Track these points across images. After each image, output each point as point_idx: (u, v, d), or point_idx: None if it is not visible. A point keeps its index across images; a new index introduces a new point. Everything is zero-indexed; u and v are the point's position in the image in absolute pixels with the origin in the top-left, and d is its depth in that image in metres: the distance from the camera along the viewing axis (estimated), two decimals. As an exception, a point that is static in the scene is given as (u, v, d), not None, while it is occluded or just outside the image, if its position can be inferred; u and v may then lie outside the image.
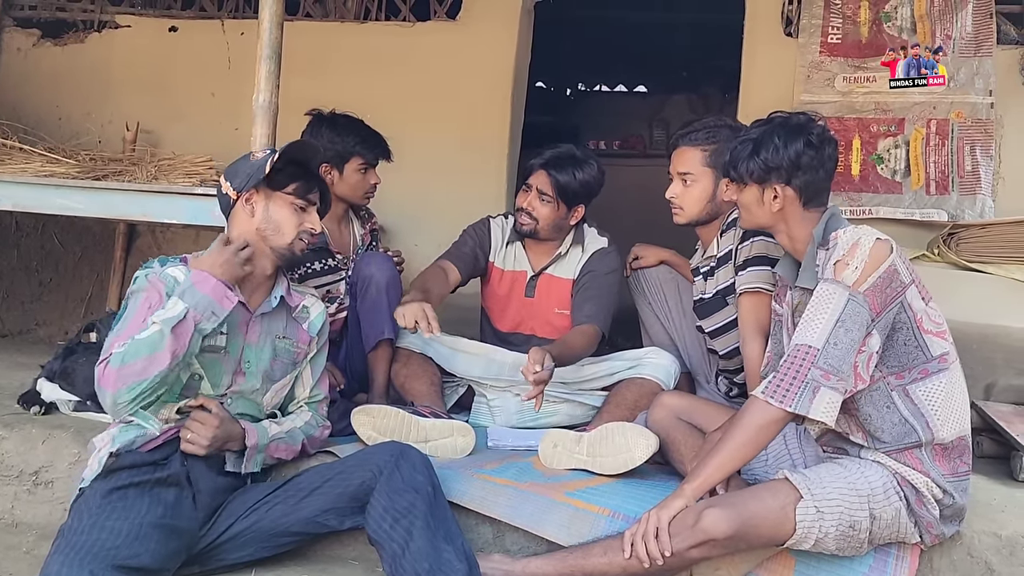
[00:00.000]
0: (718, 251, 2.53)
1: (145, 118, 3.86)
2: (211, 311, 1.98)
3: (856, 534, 1.88)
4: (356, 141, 2.84)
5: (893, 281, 1.88)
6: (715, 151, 2.47)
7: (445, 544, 1.86)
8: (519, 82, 3.97)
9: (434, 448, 2.37)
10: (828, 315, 1.83)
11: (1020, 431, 2.61)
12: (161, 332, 1.90)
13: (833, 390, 1.81)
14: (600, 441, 2.29)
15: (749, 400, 1.91)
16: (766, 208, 2.05)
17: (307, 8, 4.13)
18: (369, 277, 2.75)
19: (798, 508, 1.85)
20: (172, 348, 1.90)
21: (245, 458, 2.06)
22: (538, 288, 2.92)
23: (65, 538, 1.80)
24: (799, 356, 1.83)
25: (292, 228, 2.13)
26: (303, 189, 2.15)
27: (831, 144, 2.03)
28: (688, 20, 5.36)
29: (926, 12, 3.47)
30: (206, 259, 2.05)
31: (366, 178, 2.89)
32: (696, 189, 2.52)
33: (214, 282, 1.99)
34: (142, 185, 2.84)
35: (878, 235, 1.91)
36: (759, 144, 2.03)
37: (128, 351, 1.89)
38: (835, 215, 2.03)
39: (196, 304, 1.95)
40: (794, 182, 2.01)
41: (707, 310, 2.59)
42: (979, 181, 3.38)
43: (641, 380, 2.66)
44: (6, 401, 2.65)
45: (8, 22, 4.33)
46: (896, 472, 1.92)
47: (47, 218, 3.99)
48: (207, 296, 1.97)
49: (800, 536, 1.85)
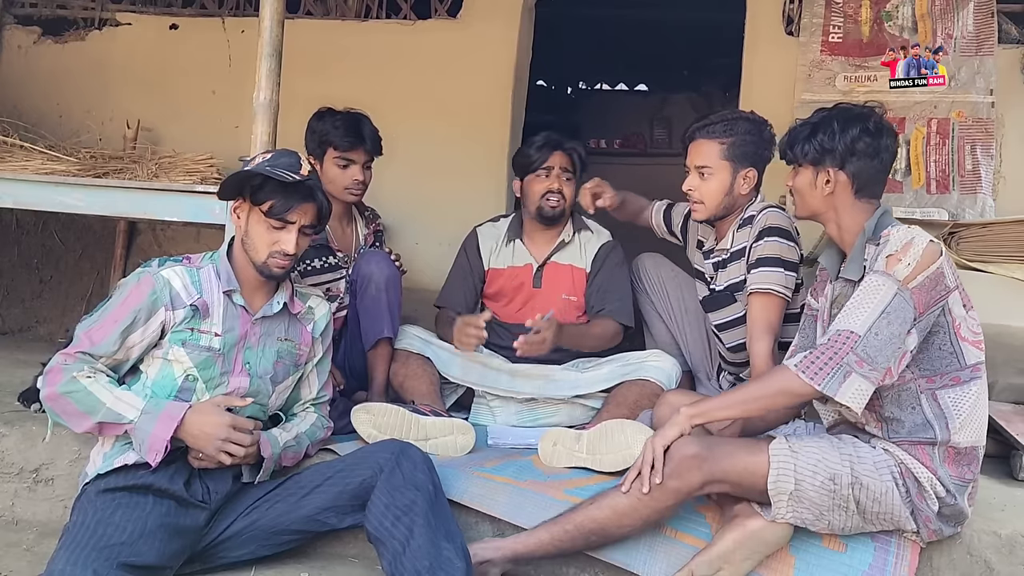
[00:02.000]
0: (731, 244, 2.53)
1: (146, 116, 3.86)
2: (139, 444, 1.91)
3: (839, 489, 1.88)
4: (329, 129, 2.75)
5: (939, 284, 1.89)
6: (733, 143, 2.47)
7: (445, 542, 1.86)
8: (520, 80, 3.97)
9: (434, 446, 2.38)
10: (874, 305, 1.84)
11: (1020, 430, 2.61)
12: (102, 409, 1.91)
13: (864, 378, 1.82)
14: (600, 439, 2.29)
15: (780, 367, 1.92)
16: (818, 192, 2.06)
17: (308, 6, 4.12)
18: (369, 275, 2.73)
19: (772, 444, 1.89)
20: (89, 428, 1.93)
21: (262, 470, 2.05)
22: (544, 277, 2.95)
23: (70, 535, 1.81)
24: (839, 340, 1.84)
25: (264, 246, 2.05)
26: (278, 208, 2.02)
27: (890, 136, 2.04)
28: (689, 19, 5.35)
29: (927, 11, 3.47)
30: (198, 420, 1.94)
31: (347, 173, 2.78)
32: (713, 182, 2.50)
33: (166, 439, 1.90)
34: (143, 183, 2.84)
35: (930, 237, 1.92)
36: (817, 127, 2.05)
37: (75, 390, 1.91)
38: (888, 212, 2.04)
39: (138, 430, 1.90)
40: (848, 167, 2.02)
41: (715, 304, 2.59)
42: (980, 180, 3.38)
43: (642, 382, 2.65)
44: (7, 398, 2.65)
45: (9, 19, 4.33)
46: (901, 461, 1.92)
47: (48, 216, 3.99)
48: (150, 437, 1.89)
49: (776, 474, 1.86)
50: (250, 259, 2.08)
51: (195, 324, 2.03)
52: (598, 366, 2.77)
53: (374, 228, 3.04)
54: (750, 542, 1.91)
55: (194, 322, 2.04)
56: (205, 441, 1.94)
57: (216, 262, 2.12)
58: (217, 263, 2.11)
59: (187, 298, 2.04)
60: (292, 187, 2.04)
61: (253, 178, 2.05)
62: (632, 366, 2.71)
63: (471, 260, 3.02)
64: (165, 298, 2.02)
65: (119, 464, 1.93)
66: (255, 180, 2.05)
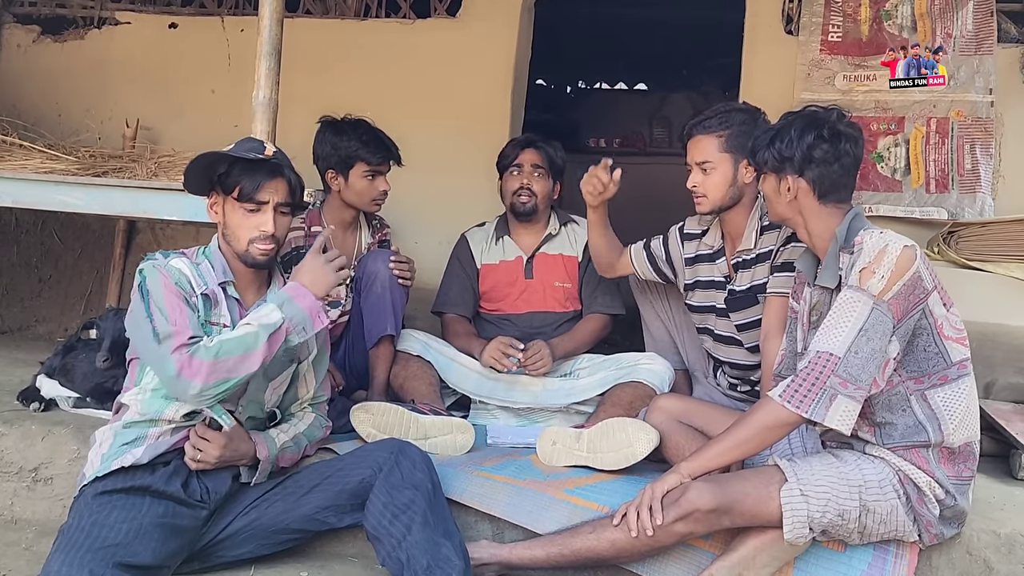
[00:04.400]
0: (756, 246, 2.51)
1: (145, 115, 3.86)
2: (303, 327, 1.97)
3: (845, 524, 1.88)
4: (358, 145, 2.78)
5: (916, 288, 1.87)
6: (730, 135, 2.46)
7: (444, 540, 1.86)
8: (519, 79, 3.97)
9: (433, 445, 2.38)
10: (851, 323, 1.83)
11: (1019, 429, 2.61)
12: (257, 335, 1.90)
13: (850, 398, 1.81)
14: (600, 437, 2.28)
15: (764, 399, 1.91)
16: (781, 198, 2.06)
17: (307, 5, 4.12)
18: (375, 273, 2.75)
19: (783, 490, 1.87)
20: (264, 353, 1.91)
21: (258, 471, 2.05)
22: (535, 268, 3.06)
23: (65, 536, 1.80)
24: (819, 363, 1.83)
25: (244, 233, 2.04)
26: (248, 188, 2.02)
27: (849, 139, 2.01)
28: (688, 18, 5.35)
29: (926, 10, 3.47)
30: (305, 271, 2.02)
31: (374, 184, 2.82)
32: (716, 176, 2.48)
33: (312, 299, 1.99)
34: (142, 182, 2.83)
35: (905, 242, 1.89)
36: (776, 134, 2.05)
37: (222, 347, 1.88)
38: (859, 215, 2.02)
39: (293, 316, 1.95)
40: (807, 174, 2.01)
41: (738, 304, 2.57)
42: (979, 179, 3.38)
43: (636, 383, 2.67)
44: (6, 398, 2.65)
45: (8, 18, 4.33)
46: (899, 469, 1.92)
47: (47, 215, 3.99)
48: (303, 311, 1.97)
49: (791, 523, 1.85)
50: (234, 251, 2.08)
51: (208, 315, 2.03)
52: (592, 372, 2.82)
53: (380, 237, 3.04)
54: (771, 548, 1.90)
55: (207, 313, 2.03)
56: (324, 280, 2.01)
57: (209, 256, 2.11)
58: (211, 257, 2.11)
59: (198, 288, 2.03)
60: (257, 166, 2.04)
61: (218, 165, 2.05)
62: (625, 369, 2.73)
63: (463, 262, 3.10)
64: (184, 285, 2.01)
65: (117, 466, 1.92)
66: (221, 168, 2.04)
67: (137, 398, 2.01)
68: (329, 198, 2.88)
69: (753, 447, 1.91)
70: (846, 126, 2.03)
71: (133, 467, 1.93)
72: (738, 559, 1.91)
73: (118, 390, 2.13)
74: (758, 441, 1.89)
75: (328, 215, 2.88)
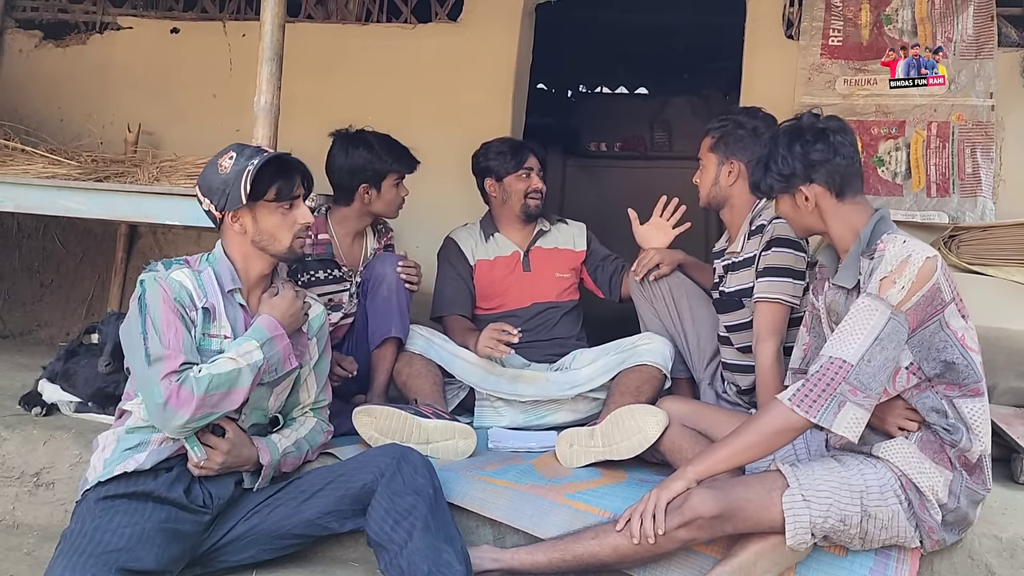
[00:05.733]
0: (742, 250, 2.55)
1: (147, 119, 3.87)
2: (275, 368, 2.04)
3: (847, 529, 1.88)
4: (392, 159, 2.87)
5: (935, 300, 1.87)
6: (720, 137, 2.58)
7: (445, 545, 1.86)
8: (520, 83, 3.97)
9: (435, 450, 2.38)
10: (867, 332, 1.82)
11: (1021, 433, 2.61)
12: (242, 372, 1.93)
13: (859, 406, 1.81)
14: (613, 428, 2.31)
15: (773, 402, 1.90)
16: (803, 212, 2.06)
17: (309, 10, 4.13)
18: (382, 275, 2.77)
19: (784, 495, 1.86)
20: (246, 393, 1.95)
21: (261, 476, 2.06)
22: (532, 261, 3.11)
23: (68, 541, 1.81)
24: (832, 369, 1.83)
25: (286, 232, 2.08)
26: (285, 190, 2.07)
27: (835, 131, 2.02)
28: (689, 22, 5.36)
29: (927, 14, 3.47)
30: (279, 306, 2.07)
31: (399, 192, 2.91)
32: (705, 174, 2.63)
33: (287, 341, 2.05)
34: (144, 187, 2.84)
35: (928, 252, 1.88)
36: (767, 159, 2.06)
37: (212, 381, 1.89)
38: (884, 219, 2.01)
39: (271, 358, 2.00)
40: (817, 178, 2.01)
41: (725, 307, 2.61)
42: (979, 183, 3.39)
43: (640, 367, 2.68)
44: (7, 402, 2.65)
45: (10, 23, 4.34)
46: (902, 474, 1.92)
47: (49, 219, 4.00)
48: (279, 353, 2.04)
49: (793, 528, 1.85)
50: (271, 253, 2.10)
51: (207, 328, 2.03)
52: (592, 361, 2.82)
53: (385, 242, 3.06)
54: (773, 553, 1.90)
55: (205, 326, 2.03)
56: (293, 315, 2.10)
57: (214, 263, 2.10)
58: (215, 264, 2.10)
59: (199, 301, 2.03)
60: (275, 164, 2.06)
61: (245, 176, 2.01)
62: (625, 353, 2.74)
63: (454, 262, 3.12)
64: (184, 299, 2.01)
65: (119, 471, 1.93)
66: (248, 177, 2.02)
67: (139, 405, 2.00)
68: (342, 208, 2.90)
69: (761, 451, 1.91)
70: (825, 122, 2.05)
71: (136, 472, 1.94)
72: (739, 564, 1.90)
73: (120, 394, 2.14)
74: (766, 445, 1.89)
75: (338, 224, 2.90)
